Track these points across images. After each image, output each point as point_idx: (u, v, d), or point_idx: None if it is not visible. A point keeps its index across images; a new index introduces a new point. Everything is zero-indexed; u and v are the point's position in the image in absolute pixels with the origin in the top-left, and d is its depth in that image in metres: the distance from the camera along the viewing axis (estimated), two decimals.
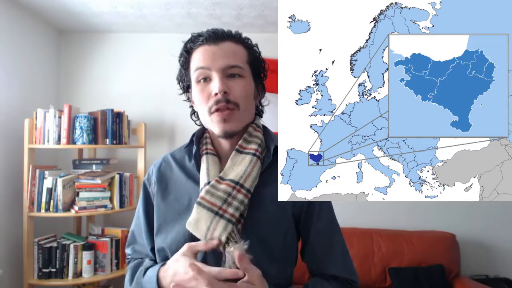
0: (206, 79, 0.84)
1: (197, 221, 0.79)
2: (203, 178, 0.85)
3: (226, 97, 0.81)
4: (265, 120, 0.99)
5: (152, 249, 0.93)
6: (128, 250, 0.99)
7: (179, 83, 0.93)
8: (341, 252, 0.89)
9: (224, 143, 0.89)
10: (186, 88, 0.92)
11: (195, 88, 0.86)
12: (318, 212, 0.87)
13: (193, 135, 0.93)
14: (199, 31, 0.87)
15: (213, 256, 0.81)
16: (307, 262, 0.90)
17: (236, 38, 0.87)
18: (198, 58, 0.84)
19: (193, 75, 0.85)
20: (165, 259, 0.86)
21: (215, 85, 0.81)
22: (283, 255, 0.85)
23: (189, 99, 0.94)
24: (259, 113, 0.96)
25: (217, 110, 0.82)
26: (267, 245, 0.82)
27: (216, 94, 0.81)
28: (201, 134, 0.94)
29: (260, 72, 0.91)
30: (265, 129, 0.94)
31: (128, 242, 1.00)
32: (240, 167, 0.84)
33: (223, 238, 0.77)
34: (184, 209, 0.87)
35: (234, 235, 0.78)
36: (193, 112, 0.95)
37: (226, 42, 0.84)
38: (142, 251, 0.96)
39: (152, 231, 0.92)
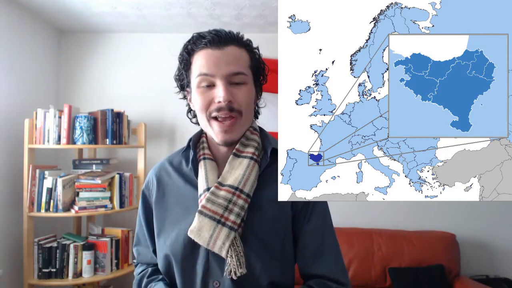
0: (209, 85, 0.83)
1: (199, 229, 0.80)
2: (201, 184, 0.85)
3: (230, 105, 0.81)
4: (265, 120, 0.99)
5: (154, 251, 0.95)
6: (134, 251, 1.03)
7: (176, 82, 0.92)
8: (333, 254, 0.88)
9: (222, 148, 0.89)
10: (184, 87, 0.91)
11: (195, 91, 0.85)
12: (311, 213, 0.87)
13: (190, 140, 0.93)
14: (199, 31, 0.86)
15: (216, 262, 0.82)
16: (297, 262, 0.89)
17: (239, 41, 0.85)
18: (201, 63, 0.83)
19: (195, 79, 0.84)
20: (167, 263, 0.87)
21: (220, 93, 0.80)
22: (283, 254, 0.85)
23: (185, 97, 0.93)
24: (255, 114, 0.95)
25: (217, 118, 0.82)
26: (267, 245, 0.83)
27: (219, 102, 0.80)
28: (198, 138, 0.94)
29: (260, 75, 0.91)
30: (261, 131, 0.93)
31: (134, 242, 1.03)
32: (238, 171, 0.84)
33: (226, 246, 0.78)
34: (183, 213, 0.87)
35: (236, 241, 0.79)
36: (190, 110, 0.95)
37: (230, 46, 0.83)
38: (147, 254, 0.99)
39: (153, 236, 0.93)
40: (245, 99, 0.83)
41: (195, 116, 0.93)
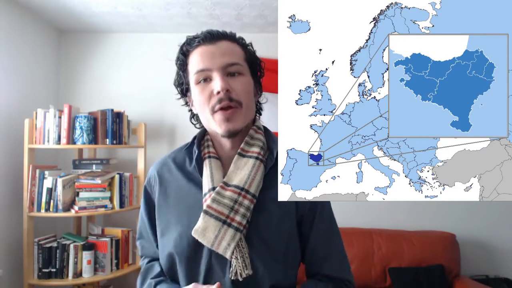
0: (206, 80, 0.83)
1: (204, 229, 0.80)
2: (206, 183, 0.85)
3: (229, 95, 0.81)
4: (265, 120, 0.99)
5: (157, 247, 0.94)
6: (138, 244, 1.02)
7: (177, 88, 0.92)
8: (340, 253, 0.90)
9: (226, 145, 0.89)
10: (185, 92, 0.91)
11: (195, 89, 0.85)
12: (320, 214, 0.88)
13: (195, 137, 0.93)
14: (199, 31, 0.87)
15: (218, 262, 0.82)
16: (305, 262, 0.90)
17: (231, 37, 0.87)
18: (197, 59, 0.84)
19: (193, 77, 0.85)
20: (171, 262, 0.87)
21: (217, 84, 0.80)
22: (287, 256, 0.85)
23: (187, 103, 0.94)
24: (258, 110, 0.96)
25: (220, 109, 0.82)
26: (272, 247, 0.83)
27: (218, 92, 0.80)
28: (202, 136, 0.94)
29: (257, 70, 0.91)
30: (266, 131, 0.93)
31: (137, 235, 1.02)
32: (244, 171, 0.84)
33: (232, 247, 0.78)
34: (186, 212, 0.87)
35: (241, 242, 0.79)
36: (193, 116, 0.95)
37: (222, 41, 0.85)
38: (150, 248, 0.98)
39: (156, 233, 0.93)
40: (243, 88, 0.84)
41: (198, 121, 0.93)
